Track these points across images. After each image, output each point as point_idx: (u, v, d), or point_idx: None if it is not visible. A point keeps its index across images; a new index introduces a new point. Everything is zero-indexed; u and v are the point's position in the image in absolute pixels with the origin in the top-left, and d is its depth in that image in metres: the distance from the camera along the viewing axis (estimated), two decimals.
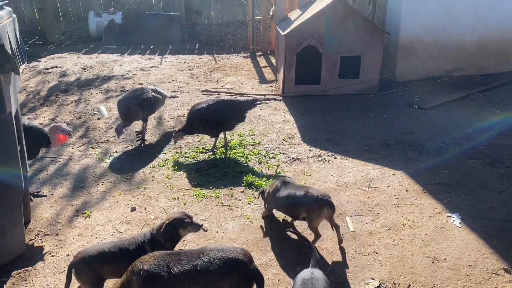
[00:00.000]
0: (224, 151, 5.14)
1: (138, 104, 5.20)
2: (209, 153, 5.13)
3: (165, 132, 5.74)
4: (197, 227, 2.91)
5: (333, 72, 6.76)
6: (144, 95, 5.30)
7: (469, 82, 7.34)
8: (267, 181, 4.43)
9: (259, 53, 9.77)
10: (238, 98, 5.39)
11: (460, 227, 3.71)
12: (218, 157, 5.03)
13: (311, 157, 4.96)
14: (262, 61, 9.22)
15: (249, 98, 5.27)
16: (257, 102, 5.19)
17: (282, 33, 6.70)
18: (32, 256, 3.43)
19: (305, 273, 2.58)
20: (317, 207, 3.29)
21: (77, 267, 2.78)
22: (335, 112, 6.28)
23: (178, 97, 5.87)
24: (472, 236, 3.59)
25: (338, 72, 6.77)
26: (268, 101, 6.18)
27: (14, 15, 3.45)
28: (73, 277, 2.84)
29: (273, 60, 9.08)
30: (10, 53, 2.98)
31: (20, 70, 3.20)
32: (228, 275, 2.35)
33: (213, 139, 5.19)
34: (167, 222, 2.87)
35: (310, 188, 3.44)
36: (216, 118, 4.93)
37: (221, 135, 5.18)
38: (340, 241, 3.47)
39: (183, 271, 2.35)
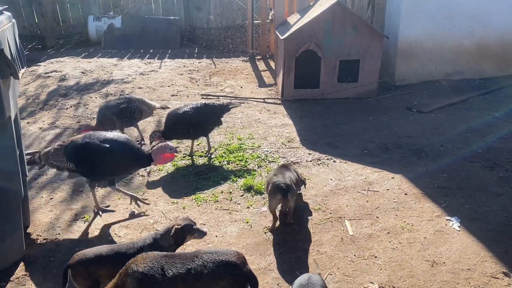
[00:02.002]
0: (208, 157, 5.16)
1: (116, 113, 5.13)
2: (193, 157, 5.15)
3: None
4: (202, 234, 2.97)
5: (332, 76, 6.78)
6: (125, 104, 5.20)
7: (468, 86, 7.35)
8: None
9: (258, 57, 9.80)
10: (215, 102, 5.46)
11: (459, 230, 3.71)
12: (212, 162, 5.03)
13: (310, 161, 4.97)
14: (261, 65, 9.25)
15: (224, 102, 5.35)
16: (231, 106, 5.27)
17: (281, 37, 6.72)
18: (31, 260, 3.42)
19: (302, 278, 2.58)
20: (272, 191, 3.63)
21: (74, 269, 2.78)
22: (334, 116, 6.29)
23: (169, 107, 5.75)
24: (471, 239, 3.59)
25: (337, 76, 6.79)
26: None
27: (13, 20, 3.46)
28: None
29: (272, 64, 9.11)
30: (9, 58, 2.99)
31: (20, 75, 3.21)
32: (222, 278, 2.36)
33: (190, 143, 5.23)
34: (177, 227, 2.88)
35: (279, 176, 3.73)
36: (200, 121, 4.95)
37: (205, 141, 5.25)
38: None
39: (177, 274, 2.36)
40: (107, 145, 3.64)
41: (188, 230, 2.90)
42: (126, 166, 3.86)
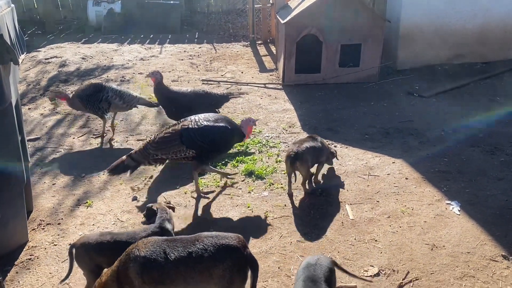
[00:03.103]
0: None
1: (81, 98, 5.03)
2: None
3: (164, 122, 5.74)
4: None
5: (333, 60, 6.74)
6: (91, 92, 5.03)
7: (470, 70, 7.31)
8: (268, 170, 4.45)
9: (259, 42, 9.73)
10: (215, 91, 5.32)
11: (459, 214, 3.73)
12: None
13: None
14: (262, 50, 9.19)
15: (224, 92, 5.25)
16: (231, 96, 5.22)
17: (282, 22, 6.67)
18: (34, 245, 3.46)
19: (312, 258, 2.60)
20: (284, 158, 4.04)
21: (77, 251, 2.82)
22: (335, 101, 6.27)
23: (155, 106, 5.40)
24: (471, 223, 3.62)
25: (338, 61, 6.75)
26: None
27: (12, 5, 3.44)
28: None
29: (273, 48, 9.05)
30: (9, 43, 2.98)
31: (20, 61, 3.20)
32: (222, 261, 2.38)
33: None
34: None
35: (296, 145, 3.98)
36: (196, 108, 4.74)
37: None
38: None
39: (179, 257, 2.38)
40: (226, 125, 3.84)
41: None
42: (234, 142, 4.14)
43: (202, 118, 3.85)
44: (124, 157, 3.90)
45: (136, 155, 3.86)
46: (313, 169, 4.17)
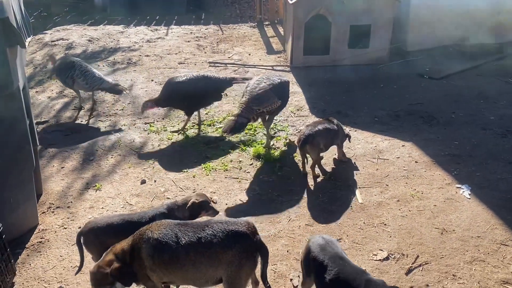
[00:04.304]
0: (198, 129, 5.09)
1: (55, 70, 5.49)
2: (180, 133, 4.98)
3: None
4: (215, 213, 3.08)
5: (342, 41, 6.64)
6: (63, 67, 5.38)
7: (482, 51, 7.15)
8: (276, 154, 4.43)
9: (267, 23, 9.59)
10: (217, 75, 5.23)
11: (469, 198, 3.70)
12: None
13: None
14: (269, 31, 9.07)
15: (227, 77, 5.17)
16: (234, 81, 5.13)
17: (290, 2, 6.55)
18: (45, 228, 3.49)
19: (318, 239, 2.59)
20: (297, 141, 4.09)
21: (85, 237, 2.84)
22: (344, 83, 6.19)
23: (119, 93, 5.47)
24: (481, 207, 3.58)
25: (348, 42, 6.64)
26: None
27: None
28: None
29: (281, 29, 8.92)
30: (15, 26, 2.94)
31: (26, 43, 3.17)
32: (231, 247, 2.38)
33: (186, 117, 5.06)
34: (195, 201, 2.95)
35: (308, 127, 4.02)
36: (197, 93, 4.81)
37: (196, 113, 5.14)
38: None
39: (190, 242, 2.40)
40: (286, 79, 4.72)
41: (204, 207, 3.00)
42: None
43: (274, 74, 4.80)
44: (233, 117, 4.17)
45: (244, 113, 4.19)
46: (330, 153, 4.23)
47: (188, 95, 4.78)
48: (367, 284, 2.29)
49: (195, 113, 5.11)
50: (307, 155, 4.06)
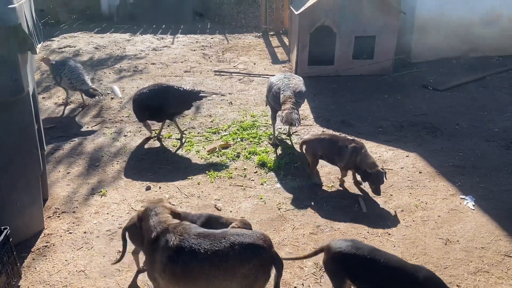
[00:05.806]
0: (180, 139, 5.12)
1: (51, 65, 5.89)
2: (156, 140, 5.03)
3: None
4: None
5: (347, 52, 6.69)
6: (55, 66, 5.77)
7: (486, 63, 7.20)
8: (280, 162, 4.45)
9: (272, 33, 9.68)
10: (183, 86, 5.13)
11: (473, 209, 3.70)
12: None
13: None
14: (274, 41, 9.14)
15: (195, 89, 5.11)
16: (201, 94, 4.95)
17: (296, 12, 6.62)
18: (50, 232, 3.51)
19: (340, 242, 2.63)
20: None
21: (130, 230, 2.89)
22: (348, 93, 6.23)
23: (92, 97, 5.69)
24: (485, 218, 3.59)
25: (352, 53, 6.69)
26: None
27: None
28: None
29: (286, 40, 9.00)
30: (27, 32, 2.99)
31: (37, 50, 3.22)
32: (248, 261, 2.33)
33: (160, 125, 5.12)
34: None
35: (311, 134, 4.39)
36: (158, 104, 4.80)
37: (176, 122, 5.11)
38: None
39: (206, 256, 2.34)
40: None
41: None
42: None
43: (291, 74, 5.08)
44: (287, 110, 4.31)
45: (296, 106, 4.40)
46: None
47: (150, 105, 4.83)
48: (425, 276, 2.40)
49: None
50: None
